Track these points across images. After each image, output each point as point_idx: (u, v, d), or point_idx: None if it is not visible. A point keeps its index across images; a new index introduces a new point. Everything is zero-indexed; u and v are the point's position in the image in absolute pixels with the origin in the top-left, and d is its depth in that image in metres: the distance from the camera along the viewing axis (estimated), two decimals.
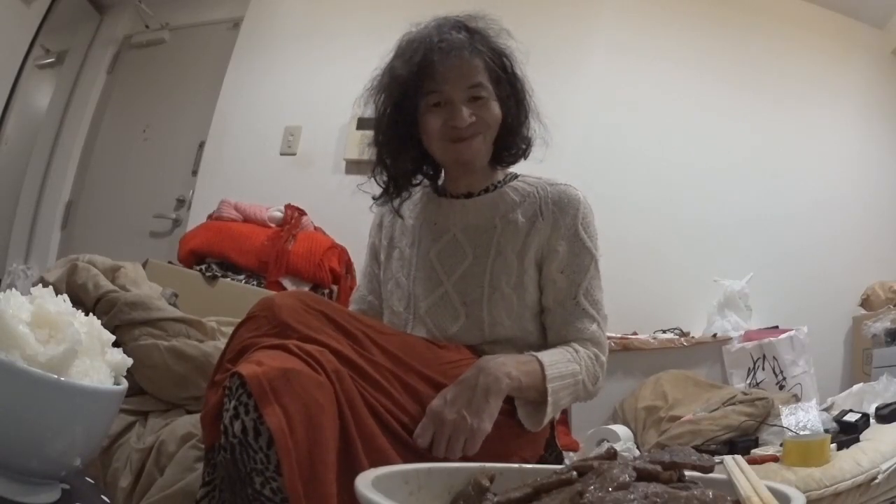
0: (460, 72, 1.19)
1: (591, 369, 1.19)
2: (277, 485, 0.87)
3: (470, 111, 1.20)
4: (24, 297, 0.84)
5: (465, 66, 1.20)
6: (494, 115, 1.24)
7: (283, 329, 0.99)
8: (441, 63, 1.18)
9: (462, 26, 1.22)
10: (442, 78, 1.19)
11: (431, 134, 1.24)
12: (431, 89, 1.20)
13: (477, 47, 1.21)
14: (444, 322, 1.23)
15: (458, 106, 1.20)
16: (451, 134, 1.22)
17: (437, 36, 1.19)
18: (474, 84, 1.21)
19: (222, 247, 2.56)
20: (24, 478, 0.81)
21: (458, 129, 1.21)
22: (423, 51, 1.19)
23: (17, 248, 3.30)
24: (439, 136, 1.23)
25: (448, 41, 1.18)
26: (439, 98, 1.21)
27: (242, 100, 3.17)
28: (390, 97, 1.25)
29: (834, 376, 2.56)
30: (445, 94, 1.20)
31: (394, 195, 1.33)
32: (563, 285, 1.22)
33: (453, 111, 1.20)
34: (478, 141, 1.24)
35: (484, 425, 1.03)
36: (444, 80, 1.19)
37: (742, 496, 0.57)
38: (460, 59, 1.19)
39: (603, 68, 2.89)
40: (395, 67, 1.23)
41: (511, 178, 1.33)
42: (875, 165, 2.82)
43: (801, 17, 2.91)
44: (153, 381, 1.43)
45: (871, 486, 1.53)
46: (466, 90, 1.21)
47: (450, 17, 1.24)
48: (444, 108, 1.21)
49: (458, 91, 1.20)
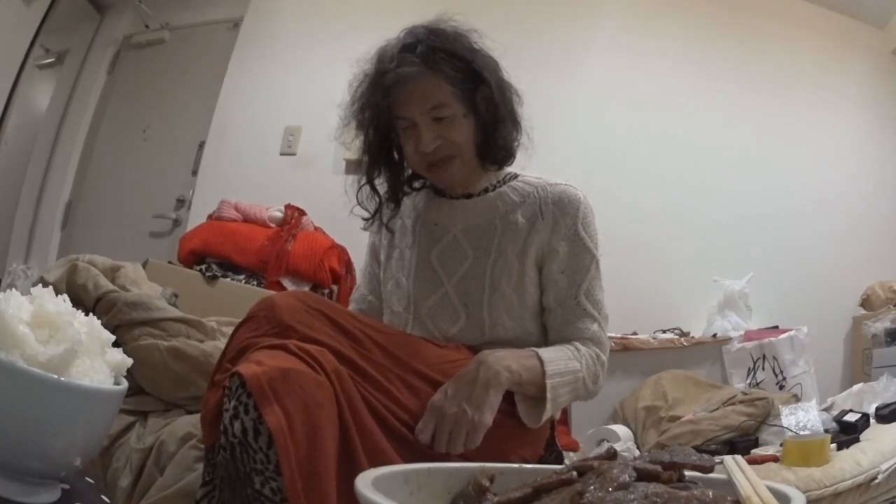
0: (416, 96, 1.19)
1: (592, 368, 1.19)
2: (277, 485, 0.87)
3: (434, 134, 1.20)
4: (24, 297, 0.84)
5: (422, 89, 1.18)
6: (463, 134, 1.22)
7: (283, 329, 0.99)
8: (397, 90, 1.18)
9: (418, 41, 1.19)
10: (400, 103, 1.20)
11: (409, 159, 1.26)
12: (398, 115, 1.22)
13: (436, 66, 1.18)
14: (444, 323, 1.23)
15: (421, 130, 1.20)
16: (424, 159, 1.23)
17: (389, 60, 1.19)
18: (435, 105, 1.19)
19: (222, 247, 2.56)
20: (24, 478, 0.81)
21: (425, 154, 1.21)
22: (379, 77, 1.20)
23: (17, 248, 3.30)
24: (415, 162, 1.25)
25: (400, 65, 1.17)
26: (406, 123, 1.22)
27: (242, 100, 3.17)
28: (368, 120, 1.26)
29: (834, 376, 2.56)
30: (408, 118, 1.21)
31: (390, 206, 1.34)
32: (564, 285, 1.22)
33: (418, 135, 1.21)
34: (454, 166, 1.24)
35: (485, 418, 1.03)
36: (403, 106, 1.20)
37: (742, 496, 0.57)
38: (416, 82, 1.18)
39: (602, 68, 2.89)
40: (363, 94, 1.24)
41: (511, 178, 1.32)
42: (875, 165, 2.82)
43: (801, 17, 2.91)
44: (153, 381, 1.43)
45: (871, 486, 1.53)
46: (428, 112, 1.20)
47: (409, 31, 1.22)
48: (413, 131, 1.22)
49: (420, 115, 1.20)
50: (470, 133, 1.23)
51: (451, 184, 1.28)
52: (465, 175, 1.27)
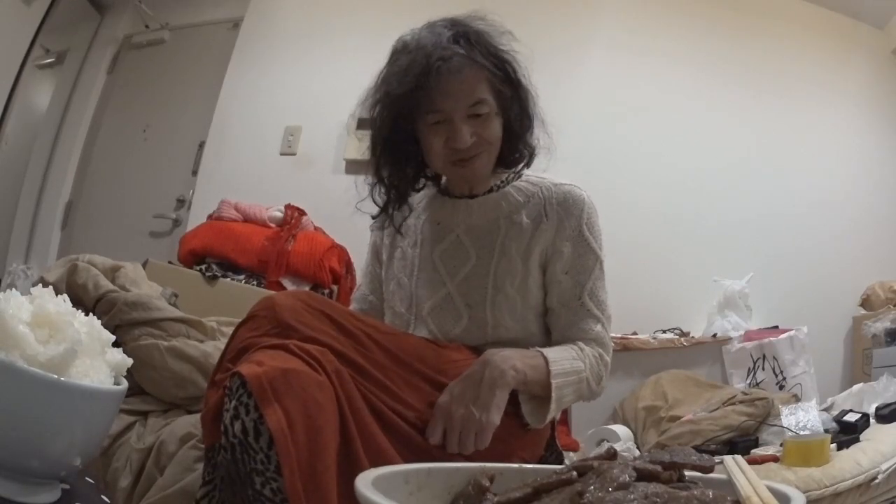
0: (460, 90, 1.15)
1: (596, 368, 1.19)
2: (278, 485, 0.87)
3: (471, 130, 1.17)
4: (24, 297, 0.83)
5: (466, 84, 1.15)
6: (496, 133, 1.21)
7: (284, 329, 0.99)
8: (440, 82, 1.13)
9: (461, 35, 1.16)
10: (441, 97, 1.15)
11: (433, 154, 1.21)
12: (430, 109, 1.17)
13: (478, 60, 1.16)
14: (446, 323, 1.23)
15: (458, 126, 1.16)
16: (453, 156, 1.20)
17: (435, 52, 1.13)
18: (475, 101, 1.17)
19: (222, 247, 2.56)
20: (24, 478, 0.80)
21: (458, 151, 1.18)
22: (419, 67, 1.13)
23: (17, 248, 3.30)
24: (442, 157, 1.21)
25: (446, 59, 1.12)
26: (439, 117, 1.18)
27: (242, 100, 3.17)
28: (388, 113, 1.20)
29: (834, 376, 2.56)
30: (445, 113, 1.17)
31: (396, 204, 1.30)
32: (568, 286, 1.22)
33: (454, 131, 1.17)
34: (481, 161, 1.22)
35: (492, 418, 1.03)
36: (443, 99, 1.15)
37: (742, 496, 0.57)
38: (460, 77, 1.14)
39: (603, 68, 2.89)
40: (392, 83, 1.17)
41: (515, 178, 1.31)
42: (875, 165, 2.82)
43: (801, 17, 2.91)
44: (153, 381, 1.43)
45: (871, 486, 1.53)
46: (467, 108, 1.17)
47: (450, 22, 1.18)
48: (445, 126, 1.18)
49: (459, 110, 1.16)
50: (500, 132, 1.22)
51: (472, 182, 1.26)
52: (488, 172, 1.26)
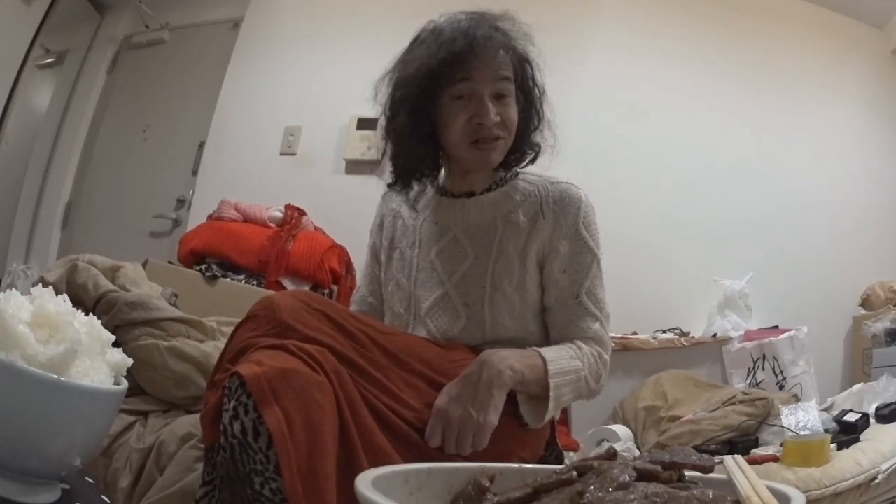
0: (493, 65, 1.18)
1: (594, 367, 1.19)
2: (277, 485, 0.87)
3: (496, 109, 1.19)
4: (24, 297, 0.84)
5: (499, 59, 1.19)
6: (514, 119, 1.23)
7: (283, 329, 0.99)
8: (475, 53, 1.16)
9: (494, 26, 1.21)
10: (477, 66, 1.17)
11: (453, 132, 1.21)
12: (462, 77, 1.17)
13: (509, 45, 1.21)
14: (444, 323, 1.23)
15: (485, 101, 1.18)
16: (477, 132, 1.20)
17: (475, 28, 1.17)
18: (502, 77, 1.19)
19: (222, 247, 2.56)
20: (24, 478, 0.81)
21: (483, 127, 1.19)
22: (458, 40, 1.16)
23: (17, 248, 3.30)
24: (462, 133, 1.20)
25: (486, 37, 1.17)
26: (467, 89, 1.18)
27: (242, 100, 3.17)
28: (415, 85, 1.20)
29: (834, 376, 2.56)
30: (474, 84, 1.18)
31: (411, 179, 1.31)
32: (566, 284, 1.22)
33: (480, 107, 1.18)
34: (498, 147, 1.23)
35: (490, 419, 1.03)
36: (477, 70, 1.17)
37: (742, 496, 0.57)
38: (495, 54, 1.18)
39: (603, 68, 2.89)
40: (421, 57, 1.19)
41: (512, 176, 1.31)
42: (875, 165, 2.82)
43: (801, 17, 2.91)
44: (153, 381, 1.43)
45: (871, 486, 1.53)
46: (494, 84, 1.19)
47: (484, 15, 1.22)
48: (470, 102, 1.19)
49: (488, 85, 1.18)
50: (515, 124, 1.24)
51: (488, 165, 1.26)
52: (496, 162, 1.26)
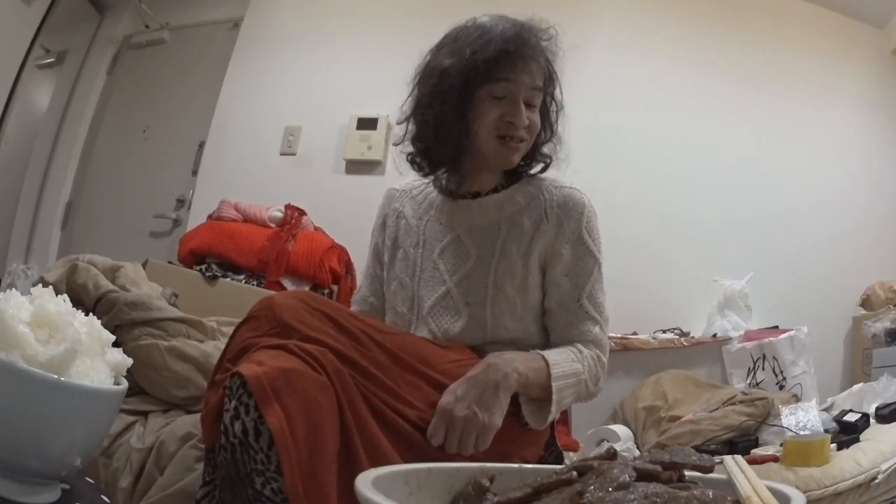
0: (533, 73, 1.22)
1: (594, 370, 1.20)
2: (278, 485, 0.87)
3: (526, 113, 1.23)
4: (24, 297, 0.84)
5: (536, 69, 1.23)
6: (538, 126, 1.27)
7: (284, 329, 0.99)
8: (523, 58, 1.20)
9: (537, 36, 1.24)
10: (521, 69, 1.21)
11: (484, 123, 1.22)
12: (505, 78, 1.20)
13: (546, 58, 1.25)
14: (446, 322, 1.23)
15: (519, 104, 1.22)
16: (506, 130, 1.23)
17: (522, 33, 1.21)
18: (537, 87, 1.24)
19: (222, 247, 2.56)
20: (24, 478, 0.80)
21: (514, 127, 1.22)
22: (506, 41, 1.20)
23: (17, 248, 3.30)
24: (492, 128, 1.23)
25: (530, 43, 1.21)
26: (505, 90, 1.21)
27: (242, 100, 3.17)
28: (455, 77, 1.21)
29: (834, 376, 2.56)
30: (514, 86, 1.21)
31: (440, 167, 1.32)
32: (567, 288, 1.23)
33: (515, 108, 1.21)
34: (523, 148, 1.27)
35: (494, 420, 1.04)
36: (520, 73, 1.21)
37: (742, 496, 0.57)
38: (536, 61, 1.23)
39: (603, 68, 2.88)
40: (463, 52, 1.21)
41: (516, 179, 1.33)
42: (875, 165, 2.82)
43: (801, 17, 2.91)
44: (153, 381, 1.43)
45: (871, 486, 1.53)
46: (529, 91, 1.23)
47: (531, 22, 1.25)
48: (505, 102, 1.22)
49: (525, 89, 1.22)
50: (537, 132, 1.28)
51: (508, 163, 1.28)
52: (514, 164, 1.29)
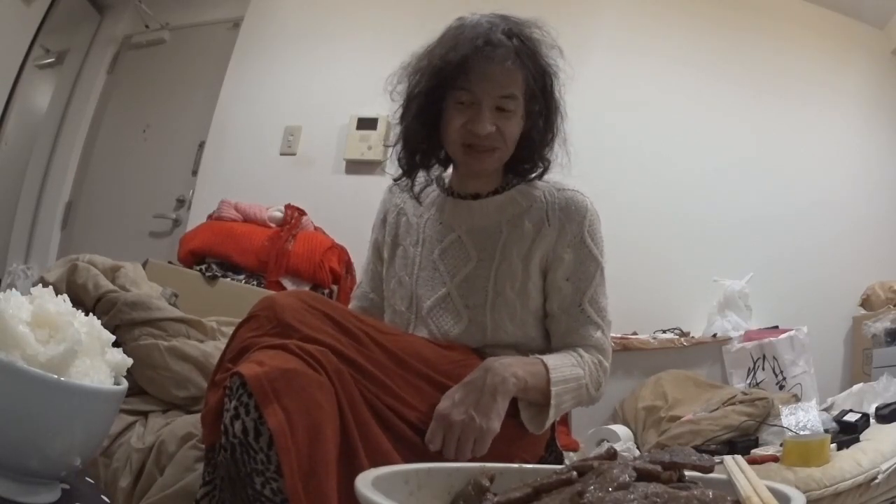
0: (496, 79, 1.17)
1: (595, 374, 1.19)
2: (278, 485, 0.87)
3: (493, 120, 1.18)
4: (24, 297, 0.84)
5: (504, 75, 1.17)
6: (514, 133, 1.22)
7: (284, 329, 0.99)
8: (480, 65, 1.16)
9: (515, 33, 1.19)
10: (477, 78, 1.17)
11: (450, 131, 1.22)
12: (462, 87, 1.18)
13: (523, 60, 1.18)
14: (445, 324, 1.23)
15: (483, 111, 1.18)
16: (467, 139, 1.20)
17: (485, 36, 1.16)
18: (506, 95, 1.18)
19: (222, 247, 2.56)
20: (24, 478, 0.81)
21: (475, 136, 1.19)
22: (466, 47, 1.16)
23: (17, 248, 3.30)
24: (456, 136, 1.21)
25: (494, 46, 1.16)
26: (467, 98, 1.19)
27: (242, 100, 3.17)
28: (425, 80, 1.22)
29: (834, 376, 2.56)
30: (475, 95, 1.18)
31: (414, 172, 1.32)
32: (569, 292, 1.22)
33: (477, 115, 1.18)
34: (492, 157, 1.22)
35: (492, 425, 1.03)
36: (478, 81, 1.17)
37: (742, 496, 0.57)
38: (501, 66, 1.16)
39: (603, 68, 2.88)
40: (435, 54, 1.20)
41: (519, 181, 1.30)
42: (875, 165, 2.81)
43: (801, 17, 2.91)
44: (153, 381, 1.43)
45: (871, 486, 1.53)
46: (496, 98, 1.18)
47: (507, 19, 1.21)
48: (469, 109, 1.19)
49: (488, 97, 1.18)
50: (518, 135, 1.23)
51: (479, 172, 1.26)
52: (493, 171, 1.27)
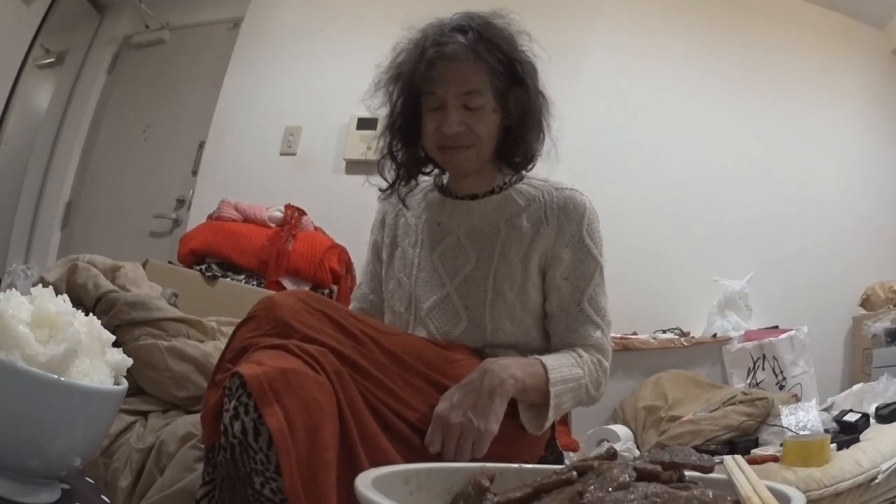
0: (455, 77, 1.18)
1: (595, 374, 1.19)
2: (277, 485, 0.87)
3: (461, 120, 1.19)
4: (24, 297, 0.84)
5: (460, 72, 1.17)
6: (487, 127, 1.21)
7: (284, 329, 0.99)
8: (438, 66, 1.17)
9: (471, 27, 1.19)
10: (436, 82, 1.18)
11: (427, 136, 1.24)
12: (428, 91, 1.20)
13: (479, 53, 1.17)
14: (445, 325, 1.23)
15: (449, 112, 1.19)
16: (440, 141, 1.21)
17: (432, 39, 1.17)
18: (468, 91, 1.18)
19: (222, 247, 2.56)
20: (24, 478, 0.81)
21: (445, 136, 1.20)
22: (421, 51, 1.18)
23: (17, 248, 3.30)
24: (432, 141, 1.23)
25: (442, 45, 1.16)
26: (433, 101, 1.20)
27: (242, 100, 3.17)
28: (398, 91, 1.25)
29: (834, 376, 2.56)
30: (439, 97, 1.20)
31: (402, 182, 1.32)
32: (568, 292, 1.22)
33: (442, 116, 1.20)
34: (468, 154, 1.22)
35: (491, 427, 1.03)
36: (438, 84, 1.18)
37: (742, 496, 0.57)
38: (459, 64, 1.17)
39: (603, 68, 2.89)
40: (402, 63, 1.22)
41: (517, 180, 1.30)
42: (875, 165, 2.82)
43: (801, 17, 2.91)
44: (153, 381, 1.43)
45: (871, 486, 1.53)
46: (460, 96, 1.19)
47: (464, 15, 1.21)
48: (439, 112, 1.20)
49: (452, 97, 1.19)
50: (494, 129, 1.23)
51: (459, 171, 1.27)
52: (477, 168, 1.26)
